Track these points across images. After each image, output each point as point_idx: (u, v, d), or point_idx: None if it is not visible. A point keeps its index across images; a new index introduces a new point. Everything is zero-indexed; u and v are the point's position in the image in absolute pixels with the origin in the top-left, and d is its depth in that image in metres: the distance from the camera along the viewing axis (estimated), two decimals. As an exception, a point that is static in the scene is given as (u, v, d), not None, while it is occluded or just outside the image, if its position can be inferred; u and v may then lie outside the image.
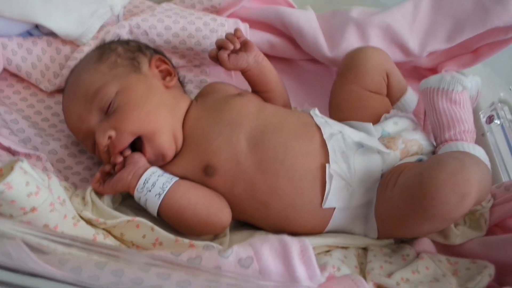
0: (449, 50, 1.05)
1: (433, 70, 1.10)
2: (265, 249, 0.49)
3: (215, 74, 1.08)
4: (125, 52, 0.84)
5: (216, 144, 0.76)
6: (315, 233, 0.77)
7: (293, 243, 0.49)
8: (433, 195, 0.62)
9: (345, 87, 0.89)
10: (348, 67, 0.90)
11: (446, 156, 0.67)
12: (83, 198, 0.74)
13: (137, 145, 0.78)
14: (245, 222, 0.81)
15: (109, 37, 0.96)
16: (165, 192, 0.72)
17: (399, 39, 1.00)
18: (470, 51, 1.05)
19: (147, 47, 0.90)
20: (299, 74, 1.11)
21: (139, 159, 0.76)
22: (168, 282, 0.49)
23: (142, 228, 0.68)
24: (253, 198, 0.75)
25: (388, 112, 0.87)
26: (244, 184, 0.75)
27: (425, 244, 0.79)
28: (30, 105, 0.94)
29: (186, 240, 0.66)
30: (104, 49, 0.85)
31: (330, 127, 0.78)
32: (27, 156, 0.79)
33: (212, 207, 0.74)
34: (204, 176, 0.76)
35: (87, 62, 0.84)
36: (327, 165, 0.74)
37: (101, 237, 0.66)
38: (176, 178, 0.75)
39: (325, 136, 0.76)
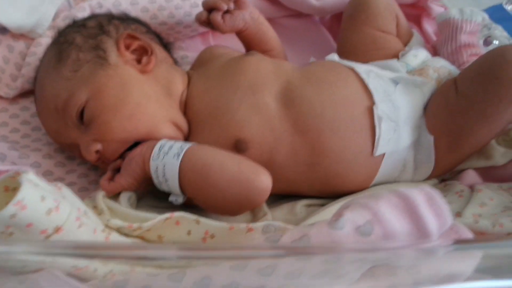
0: (430, -20, 0.98)
1: (415, 6, 1.03)
2: (384, 207, 0.38)
3: (193, 47, 0.94)
4: (85, 41, 0.67)
5: (241, 114, 0.64)
6: (362, 188, 0.68)
7: (415, 193, 0.39)
8: None
9: (357, 30, 0.81)
10: (359, 9, 0.82)
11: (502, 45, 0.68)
12: (95, 207, 0.58)
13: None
14: (281, 195, 0.69)
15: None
16: (184, 151, 0.58)
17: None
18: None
19: (110, 20, 0.73)
20: (281, 33, 0.97)
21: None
22: (274, 278, 0.36)
23: (184, 224, 0.54)
24: (297, 164, 0.64)
25: (403, 50, 0.80)
26: (285, 151, 0.63)
27: (471, 176, 0.73)
28: (-8, 117, 0.75)
29: (243, 225, 0.53)
30: (61, 44, 0.68)
31: (360, 67, 0.68)
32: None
33: (244, 163, 0.59)
34: (236, 152, 0.63)
35: (47, 66, 0.68)
36: (374, 107, 0.64)
37: (140, 247, 0.51)
38: (195, 143, 0.61)
39: (362, 76, 0.66)
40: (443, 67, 0.74)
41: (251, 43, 0.79)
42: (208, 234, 0.54)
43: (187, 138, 0.67)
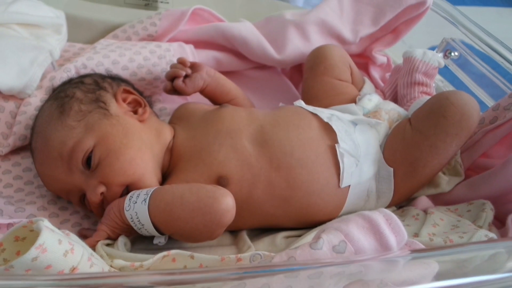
0: (372, 34, 1.11)
1: (363, 56, 1.16)
2: (353, 229, 0.46)
3: (170, 99, 1.01)
4: (85, 95, 0.74)
5: (222, 155, 0.71)
6: (332, 217, 0.75)
7: (377, 215, 0.47)
8: (461, 111, 0.72)
9: (318, 79, 0.90)
10: (317, 62, 0.92)
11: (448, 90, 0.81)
12: (92, 255, 0.63)
13: None
14: (262, 230, 0.76)
15: (56, 84, 0.85)
16: (149, 195, 0.63)
17: (335, 31, 1.04)
18: (390, 32, 1.12)
19: (103, 78, 0.81)
20: (248, 83, 1.09)
21: None
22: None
23: (180, 260, 0.60)
24: (273, 197, 0.71)
25: (358, 95, 0.90)
26: (262, 186, 0.71)
27: (424, 201, 0.82)
28: (-15, 174, 0.79)
29: (232, 256, 0.59)
30: (62, 98, 0.74)
31: (323, 112, 0.78)
32: (10, 226, 0.66)
33: (201, 191, 0.63)
34: None
35: (50, 118, 0.73)
36: (336, 145, 0.73)
37: (143, 284, 0.56)
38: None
39: (325, 120, 0.75)
40: (393, 110, 0.84)
41: (214, 97, 0.89)
42: (202, 267, 0.59)
43: (168, 177, 0.73)
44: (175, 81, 0.84)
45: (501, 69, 0.92)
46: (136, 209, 0.63)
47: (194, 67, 0.87)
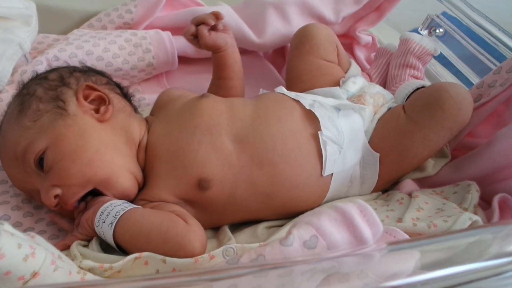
0: (356, 13, 1.08)
1: (347, 36, 1.12)
2: (325, 222, 0.43)
3: (149, 89, 0.98)
4: (46, 92, 0.69)
5: (201, 155, 0.67)
6: (316, 206, 0.72)
7: (350, 207, 0.44)
8: (459, 105, 0.70)
9: (303, 58, 0.86)
10: (303, 40, 0.88)
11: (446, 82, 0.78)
12: (59, 257, 0.60)
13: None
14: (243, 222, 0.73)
15: (27, 78, 0.81)
16: (117, 219, 0.60)
17: (315, 11, 1.00)
18: (373, 10, 1.08)
19: (71, 72, 0.75)
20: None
21: (103, 198, 0.66)
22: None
23: (152, 264, 0.56)
24: (255, 194, 0.68)
25: (343, 77, 0.86)
26: (244, 185, 0.67)
27: (409, 184, 0.79)
28: (-44, 174, 0.76)
29: (205, 255, 0.56)
30: (23, 96, 0.70)
31: (305, 99, 0.74)
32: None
33: (170, 232, 0.59)
34: (199, 191, 0.66)
35: (10, 116, 0.69)
36: (319, 132, 0.70)
37: (113, 285, 0.54)
38: (132, 206, 0.64)
39: (307, 107, 0.72)
40: (378, 93, 0.81)
41: (222, 65, 0.84)
42: (176, 271, 0.56)
43: (146, 182, 0.70)
44: (200, 26, 0.79)
45: (486, 45, 0.88)
46: (104, 229, 0.61)
47: (223, 27, 0.82)
